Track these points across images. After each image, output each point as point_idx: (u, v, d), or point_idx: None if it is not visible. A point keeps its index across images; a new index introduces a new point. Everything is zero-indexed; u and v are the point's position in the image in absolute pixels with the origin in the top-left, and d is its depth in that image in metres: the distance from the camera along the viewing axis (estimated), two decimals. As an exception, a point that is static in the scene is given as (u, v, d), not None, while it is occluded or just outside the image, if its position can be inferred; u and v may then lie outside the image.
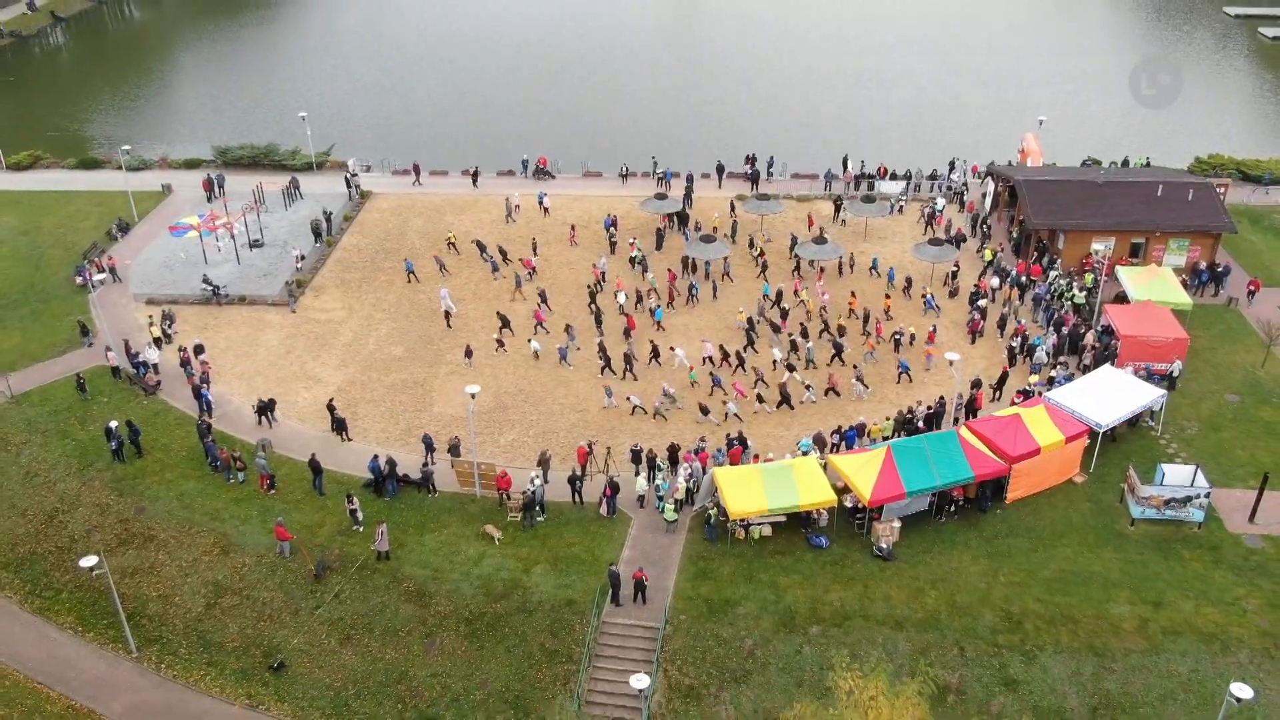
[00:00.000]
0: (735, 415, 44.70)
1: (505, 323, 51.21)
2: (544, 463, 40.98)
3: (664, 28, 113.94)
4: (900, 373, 47.33)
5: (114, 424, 43.35)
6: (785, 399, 45.58)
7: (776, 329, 50.89)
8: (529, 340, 50.19)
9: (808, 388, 46.17)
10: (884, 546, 37.63)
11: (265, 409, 45.27)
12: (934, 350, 48.62)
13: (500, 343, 50.28)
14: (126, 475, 42.71)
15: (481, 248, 58.11)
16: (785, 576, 36.95)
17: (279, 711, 34.27)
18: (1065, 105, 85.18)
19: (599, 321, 51.23)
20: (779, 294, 52.98)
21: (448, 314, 52.39)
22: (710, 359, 48.31)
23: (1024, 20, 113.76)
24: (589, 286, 54.61)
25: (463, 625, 35.87)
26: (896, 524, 38.06)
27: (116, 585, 35.93)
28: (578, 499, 40.20)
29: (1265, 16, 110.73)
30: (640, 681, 29.10)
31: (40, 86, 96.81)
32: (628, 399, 45.71)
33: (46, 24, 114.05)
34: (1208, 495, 38.68)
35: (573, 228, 61.05)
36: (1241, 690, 27.81)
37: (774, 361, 48.21)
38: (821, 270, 56.19)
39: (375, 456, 41.40)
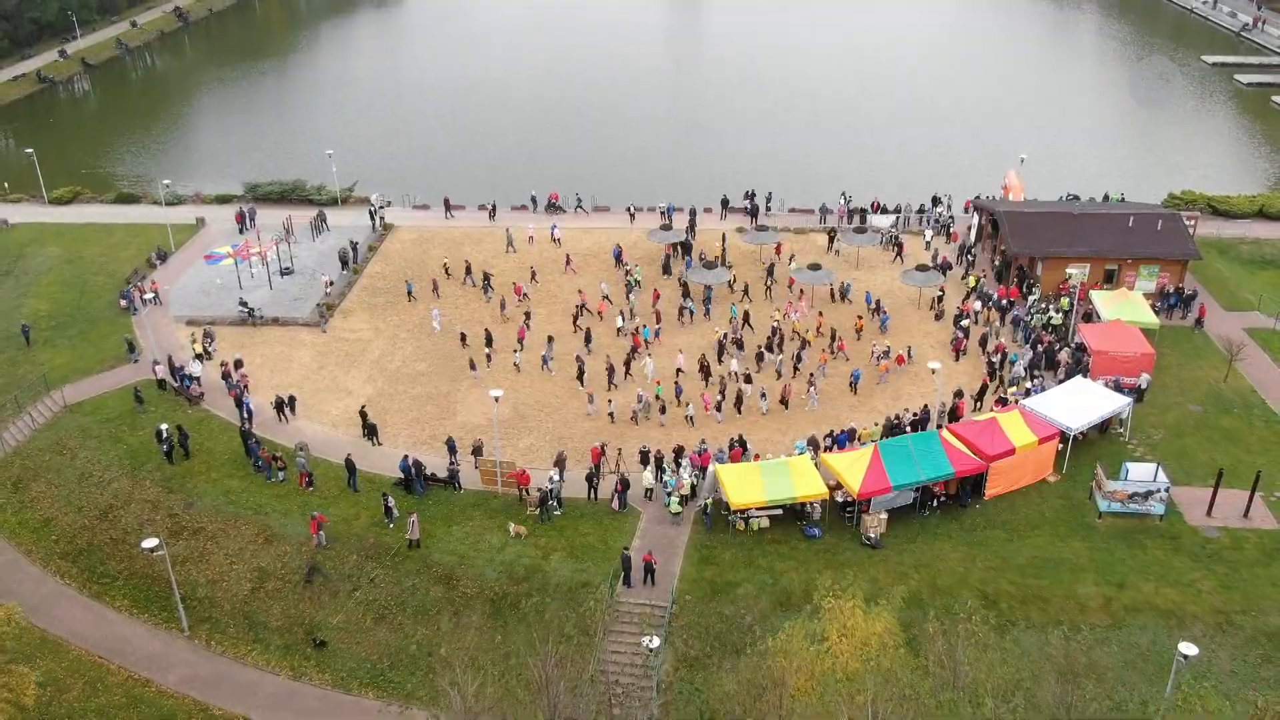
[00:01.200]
0: (689, 418, 48.99)
1: (489, 340, 55.20)
2: (560, 462, 44.66)
3: (670, 76, 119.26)
4: (853, 381, 51.61)
5: (164, 427, 47.14)
6: (738, 404, 50.12)
7: (740, 345, 55.06)
8: (514, 352, 54.29)
9: (763, 396, 50.32)
10: (872, 536, 41.18)
11: (282, 405, 49.54)
12: (886, 365, 53.02)
13: (488, 357, 54.38)
14: (175, 475, 46.38)
15: (468, 270, 62.96)
16: (781, 562, 40.46)
17: (320, 681, 37.74)
18: (1047, 145, 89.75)
19: (588, 340, 55.33)
20: (745, 315, 57.46)
21: (463, 336, 56.29)
22: (681, 370, 52.43)
23: (1009, 69, 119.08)
24: (575, 307, 58.78)
25: (487, 605, 39.36)
26: (884, 516, 41.62)
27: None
28: (592, 495, 43.87)
29: (1241, 65, 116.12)
30: (653, 641, 32.63)
31: (74, 128, 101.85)
32: (610, 405, 49.91)
33: (77, 71, 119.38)
34: (1168, 490, 42.32)
35: (568, 258, 65.18)
36: (1188, 648, 31.33)
37: (733, 373, 52.21)
38: (801, 293, 60.17)
39: (405, 457, 45.10)
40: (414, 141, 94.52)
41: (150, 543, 37.89)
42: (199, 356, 54.18)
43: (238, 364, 53.06)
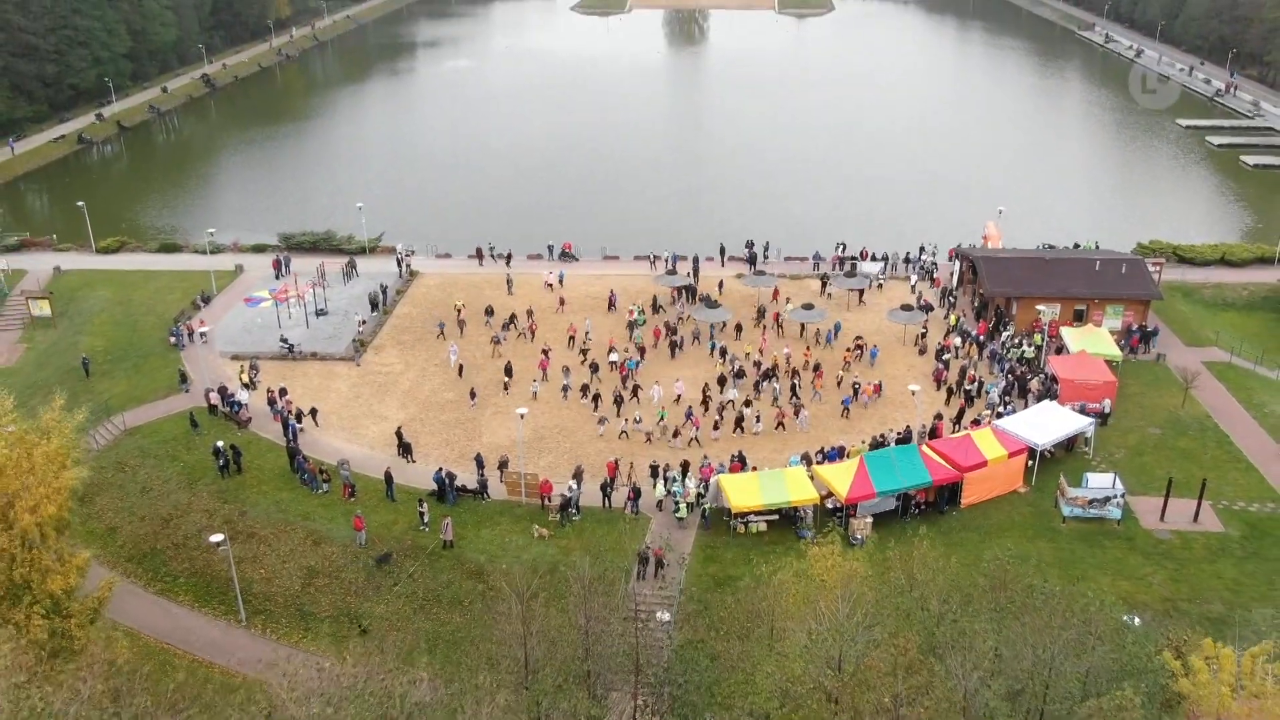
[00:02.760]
0: (695, 439, 54.08)
1: (508, 371, 60.47)
2: (578, 475, 49.58)
3: (675, 140, 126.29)
4: (844, 405, 57.02)
5: (220, 444, 52.14)
6: (738, 425, 55.34)
7: (741, 375, 60.30)
8: (533, 382, 59.53)
9: (758, 419, 55.56)
10: (859, 537, 45.91)
11: (301, 415, 54.95)
12: (866, 388, 58.40)
13: (505, 386, 59.64)
14: (229, 488, 51.23)
15: (488, 312, 68.37)
16: (776, 559, 44.99)
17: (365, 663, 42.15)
18: (1026, 199, 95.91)
19: (594, 369, 60.66)
20: (714, 346, 63.44)
21: (460, 368, 61.58)
22: (680, 396, 57.71)
23: (994, 132, 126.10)
24: (582, 344, 64.13)
25: (514, 596, 43.88)
26: (869, 520, 46.40)
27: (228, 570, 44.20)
28: (607, 503, 48.72)
29: (1213, 127, 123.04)
30: (664, 615, 37.30)
31: (113, 185, 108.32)
32: (620, 426, 55.08)
33: (113, 132, 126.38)
34: (1124, 497, 47.20)
35: (561, 300, 70.97)
36: (1130, 619, 36.04)
37: (730, 401, 57.40)
38: (803, 327, 65.52)
39: (439, 469, 50.05)
40: (436, 197, 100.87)
41: (216, 538, 42.70)
42: (246, 385, 59.33)
43: (282, 392, 58.14)
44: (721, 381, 59.37)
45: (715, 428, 55.31)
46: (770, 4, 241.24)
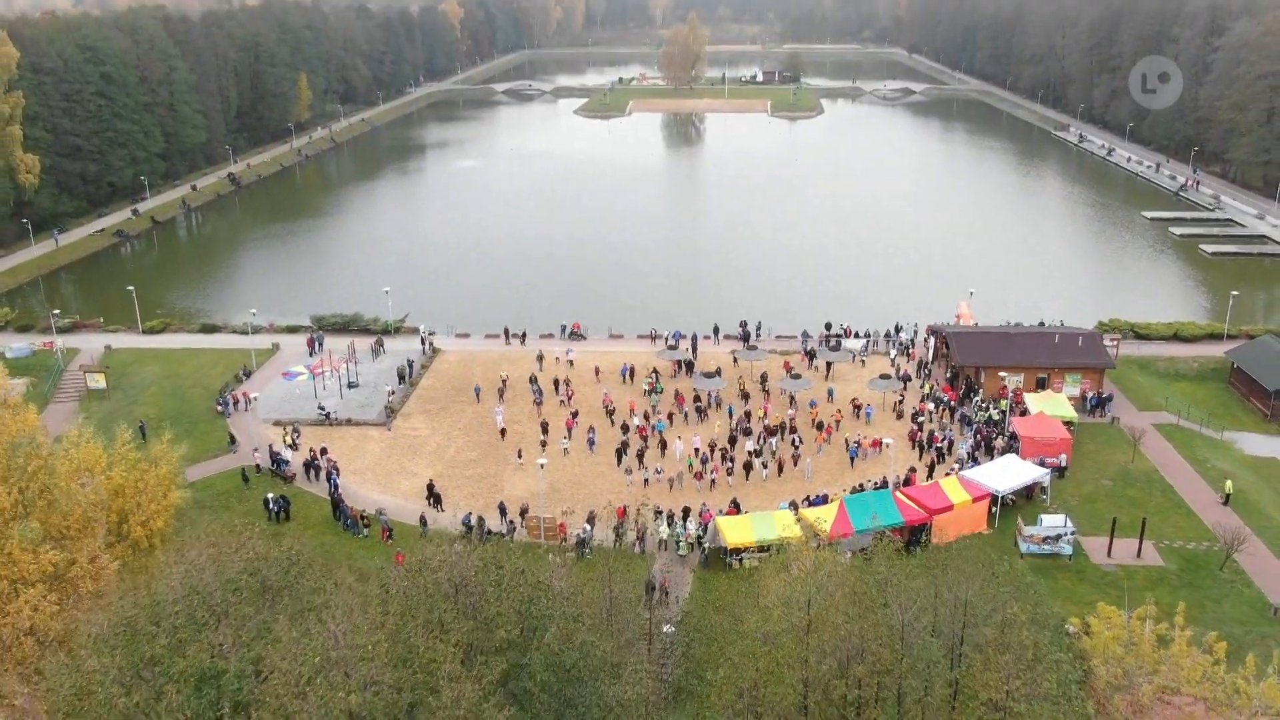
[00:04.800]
0: (712, 480, 61.39)
1: (545, 429, 67.28)
2: (591, 519, 55.86)
3: (672, 227, 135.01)
4: (851, 457, 63.83)
5: (270, 496, 58.46)
6: (747, 470, 62.44)
7: (749, 433, 67.23)
8: (561, 439, 66.14)
9: (764, 466, 62.78)
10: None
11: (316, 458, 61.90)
12: (864, 442, 65.23)
13: (543, 444, 66.24)
14: (278, 533, 57.28)
15: (533, 380, 74.97)
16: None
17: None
18: (999, 283, 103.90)
19: (625, 430, 67.26)
20: (730, 410, 70.68)
21: (503, 430, 68.20)
22: (697, 449, 64.58)
23: (971, 221, 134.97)
24: (609, 410, 70.98)
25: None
26: (848, 555, 52.42)
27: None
28: (618, 542, 54.87)
29: (1175, 219, 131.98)
30: (669, 628, 43.29)
31: (150, 272, 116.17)
32: (643, 475, 61.92)
33: (147, 226, 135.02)
34: (1074, 534, 53.43)
35: (597, 370, 77.97)
36: (1071, 628, 42.12)
37: (748, 451, 64.28)
38: (793, 398, 72.35)
39: (469, 514, 56.31)
40: (452, 284, 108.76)
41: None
42: (289, 446, 65.84)
43: (323, 451, 64.67)
44: (733, 440, 66.27)
45: (729, 473, 62.31)
46: (763, 107, 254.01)
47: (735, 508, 56.97)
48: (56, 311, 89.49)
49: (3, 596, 33.03)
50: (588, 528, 55.04)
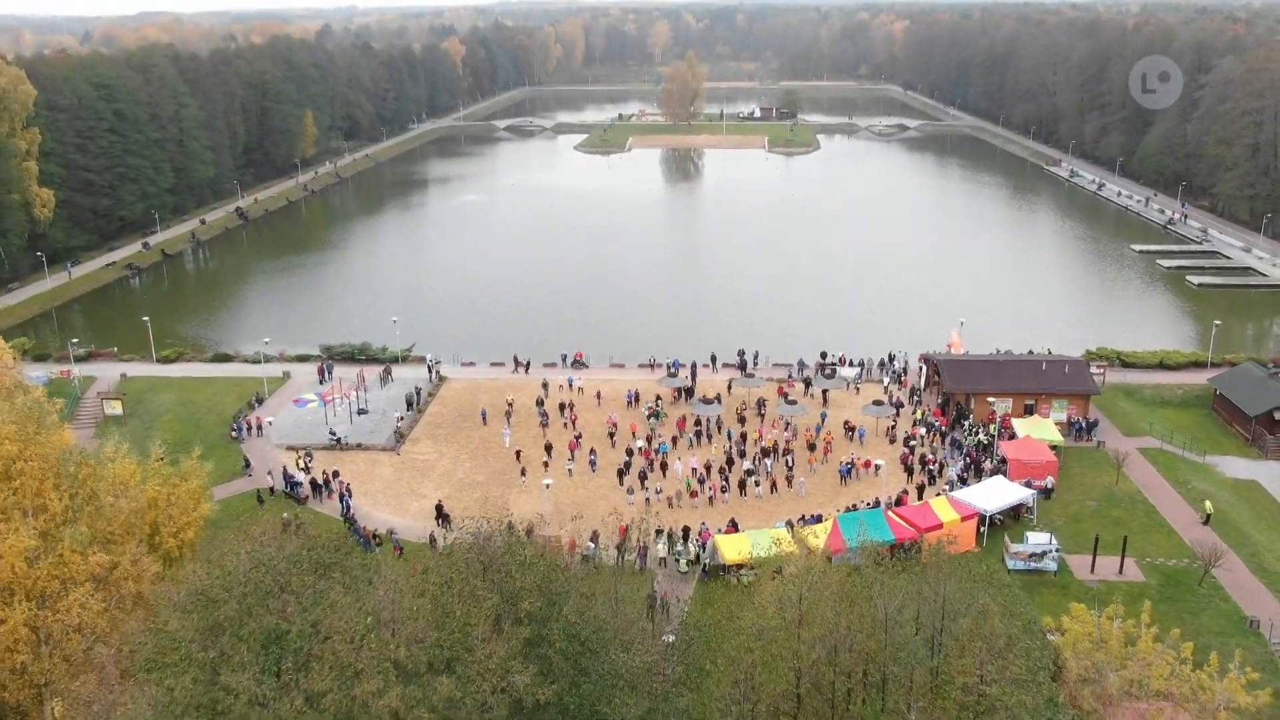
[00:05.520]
0: (711, 499, 64.01)
1: (549, 450, 69.70)
2: (594, 537, 58.07)
3: (671, 259, 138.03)
4: (842, 475, 66.57)
5: (286, 515, 60.68)
6: (741, 488, 65.15)
7: (743, 455, 69.88)
8: (566, 461, 68.53)
9: (757, 484, 65.40)
10: (834, 586, 54.15)
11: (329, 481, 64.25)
12: (858, 463, 67.81)
13: (545, 464, 68.57)
14: (294, 551, 59.51)
15: (539, 403, 77.59)
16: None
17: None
18: (991, 313, 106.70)
19: (629, 454, 69.60)
20: (729, 434, 73.14)
21: (518, 453, 70.62)
22: (695, 469, 67.11)
23: (964, 253, 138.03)
24: (610, 433, 73.40)
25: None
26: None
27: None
28: (620, 559, 57.04)
29: (1163, 251, 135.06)
30: (669, 638, 45.42)
31: (160, 304, 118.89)
32: (645, 495, 64.19)
33: (157, 259, 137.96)
34: (1059, 551, 55.68)
35: (599, 394, 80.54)
36: (1050, 635, 44.31)
37: (746, 470, 66.73)
38: (788, 423, 74.78)
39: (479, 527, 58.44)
40: (455, 315, 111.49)
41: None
42: (302, 469, 68.14)
43: (335, 474, 67.00)
44: (730, 462, 68.67)
45: (724, 490, 64.96)
46: (760, 143, 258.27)
47: (733, 526, 59.20)
48: (74, 340, 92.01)
49: (54, 595, 35.45)
50: (591, 545, 57.23)
